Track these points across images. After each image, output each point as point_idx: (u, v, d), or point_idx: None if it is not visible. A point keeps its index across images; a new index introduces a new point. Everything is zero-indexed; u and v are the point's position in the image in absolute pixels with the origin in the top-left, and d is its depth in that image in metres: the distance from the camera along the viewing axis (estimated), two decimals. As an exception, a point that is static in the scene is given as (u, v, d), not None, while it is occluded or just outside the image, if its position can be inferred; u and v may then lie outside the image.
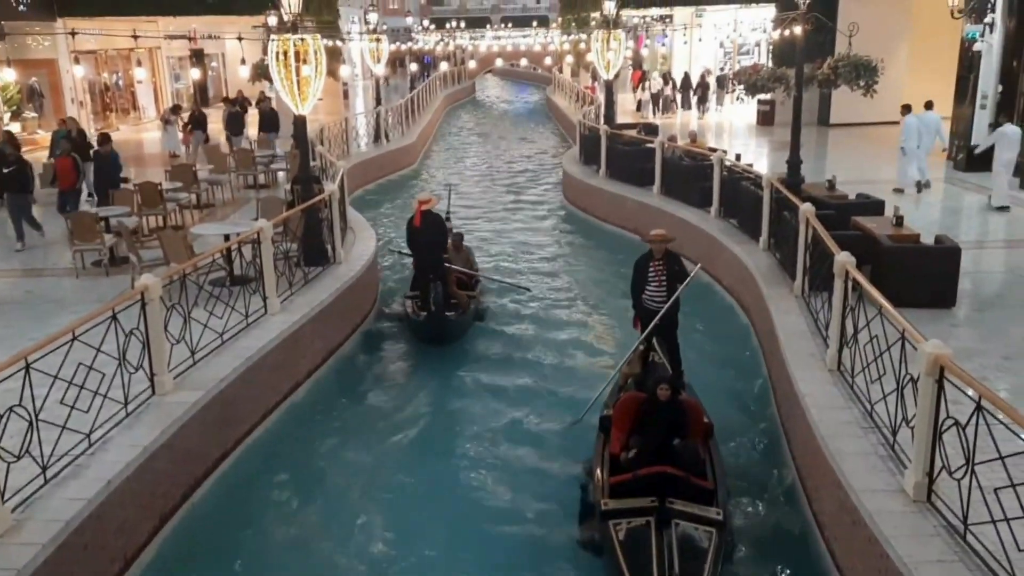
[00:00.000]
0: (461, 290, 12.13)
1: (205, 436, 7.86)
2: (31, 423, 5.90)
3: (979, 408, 4.97)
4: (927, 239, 10.49)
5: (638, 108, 32.55)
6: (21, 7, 23.78)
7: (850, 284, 7.61)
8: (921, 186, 16.06)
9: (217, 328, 8.86)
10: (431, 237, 11.47)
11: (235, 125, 22.94)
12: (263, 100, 24.77)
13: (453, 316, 11.61)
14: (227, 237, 11.13)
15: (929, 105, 16.62)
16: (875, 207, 12.21)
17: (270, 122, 22.62)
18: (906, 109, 16.48)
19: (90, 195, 15.44)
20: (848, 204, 12.39)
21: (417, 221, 11.45)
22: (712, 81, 32.09)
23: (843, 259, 7.77)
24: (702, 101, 31.18)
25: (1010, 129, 14.85)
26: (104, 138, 15.48)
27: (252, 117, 25.18)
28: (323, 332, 10.77)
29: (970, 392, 5.14)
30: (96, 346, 6.74)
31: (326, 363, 10.82)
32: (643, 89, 33.99)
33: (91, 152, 16.19)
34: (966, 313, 9.74)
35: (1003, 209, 14.49)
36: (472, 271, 13.28)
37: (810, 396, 7.49)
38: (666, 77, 33.84)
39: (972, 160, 17.78)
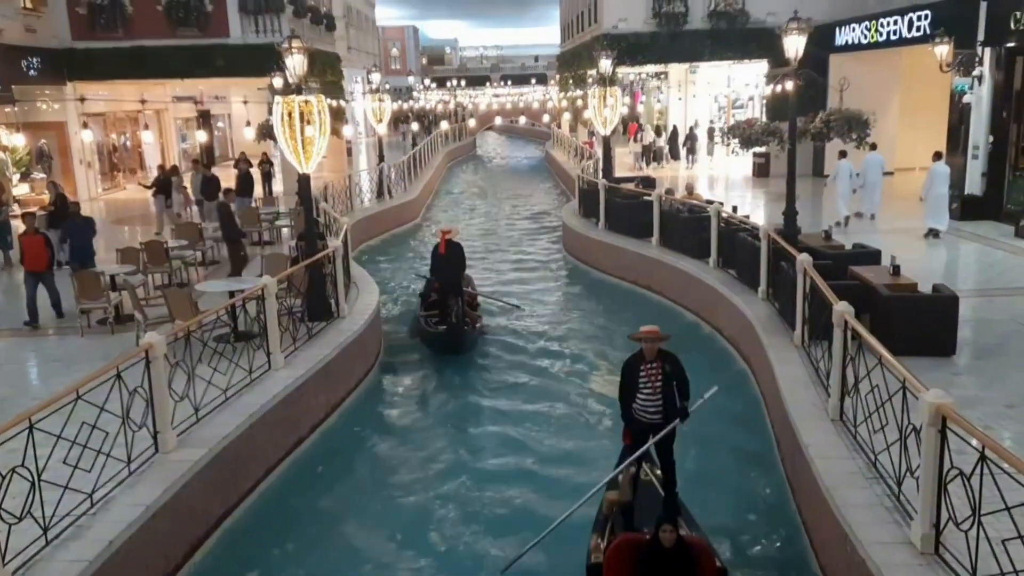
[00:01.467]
0: (468, 307, 14.05)
1: (208, 494, 7.84)
2: (33, 484, 5.92)
3: (983, 458, 4.98)
4: (925, 288, 10.59)
5: (635, 160, 33.43)
6: (32, 72, 24.37)
7: (849, 334, 7.68)
8: (849, 220, 18.27)
9: (221, 385, 8.91)
10: (454, 262, 13.65)
11: (244, 187, 21.80)
12: (264, 162, 24.92)
13: (467, 329, 13.46)
14: (232, 294, 11.22)
15: (873, 146, 18.43)
16: (872, 257, 12.33)
17: (244, 186, 21.51)
18: (841, 154, 18.59)
19: (61, 264, 14.03)
20: (845, 254, 12.53)
21: (442, 249, 13.77)
22: (700, 133, 33.31)
23: (842, 309, 7.84)
24: (691, 152, 32.49)
25: (940, 168, 16.77)
26: (72, 205, 15.19)
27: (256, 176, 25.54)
28: (327, 386, 10.80)
29: (973, 442, 5.16)
30: (100, 405, 6.78)
31: (330, 417, 10.83)
32: (635, 141, 35.18)
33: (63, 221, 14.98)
34: (966, 361, 9.78)
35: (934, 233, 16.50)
36: (473, 292, 15.57)
37: (814, 447, 7.50)
38: (658, 130, 35.16)
39: (967, 209, 18.02)
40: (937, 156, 17.26)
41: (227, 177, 22.80)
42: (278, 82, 20.32)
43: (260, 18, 26.86)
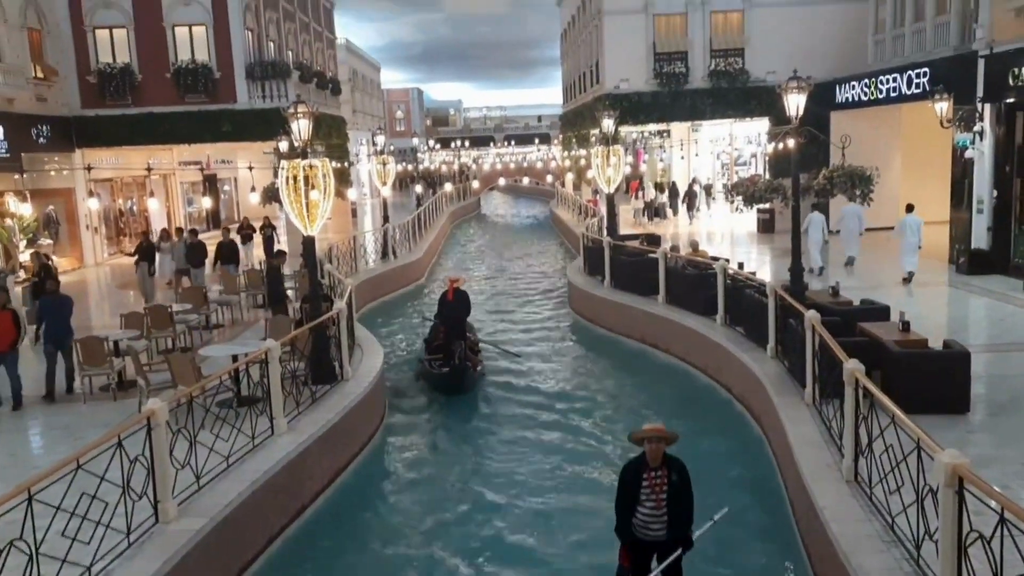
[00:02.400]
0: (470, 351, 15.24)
1: (209, 564, 7.64)
2: (31, 557, 5.78)
3: (1003, 520, 4.83)
4: (935, 344, 10.46)
5: (636, 216, 34.16)
6: (41, 139, 24.77)
7: (861, 392, 7.55)
8: (821, 271, 19.51)
9: (223, 451, 8.77)
10: (460, 307, 14.97)
11: (229, 254, 21.22)
12: (267, 227, 24.91)
13: (469, 370, 14.52)
14: (235, 358, 11.15)
15: (910, 208, 18.90)
16: (881, 313, 12.22)
17: (229, 254, 20.88)
18: (813, 207, 20.12)
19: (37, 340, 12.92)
20: (853, 310, 12.42)
21: (450, 296, 14.98)
22: (699, 189, 34.14)
23: (852, 367, 7.72)
24: (690, 208, 33.11)
25: (910, 219, 17.97)
26: (51, 283, 14.02)
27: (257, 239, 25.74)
28: (331, 451, 10.64)
29: (992, 503, 5.01)
30: (100, 474, 6.66)
31: (334, 483, 10.64)
32: (637, 197, 35.87)
33: (39, 298, 13.93)
34: (981, 419, 9.60)
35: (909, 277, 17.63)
36: (475, 339, 16.79)
37: (828, 509, 7.31)
38: (660, 186, 36.08)
39: (974, 263, 17.97)
40: (909, 208, 18.39)
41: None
42: (284, 145, 20.60)
43: (267, 84, 27.39)
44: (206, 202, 32.74)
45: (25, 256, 21.06)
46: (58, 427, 10.95)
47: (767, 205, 22.82)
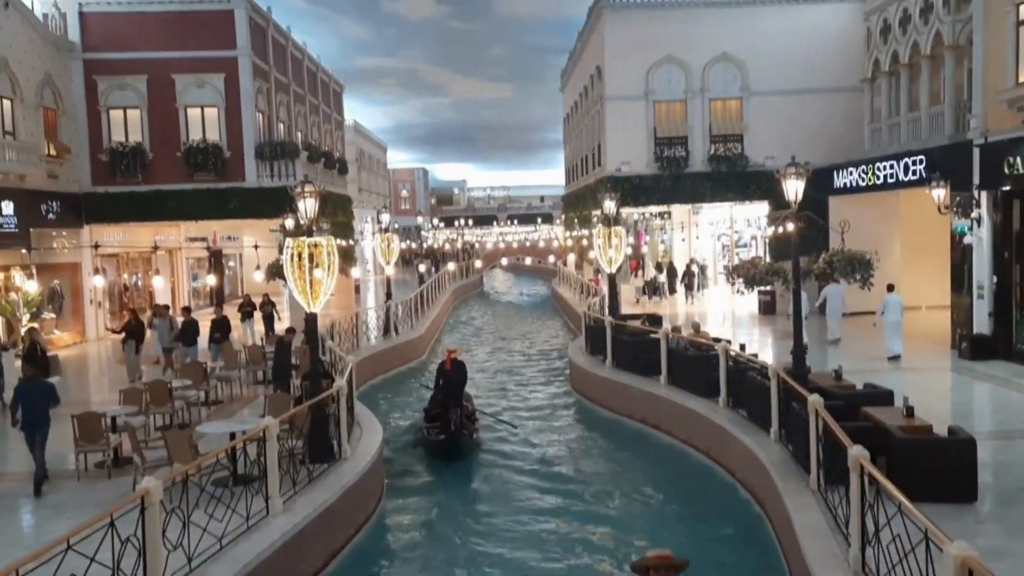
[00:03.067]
0: (467, 419, 16.03)
1: (197, 652, 7.42)
2: (15, 641, 5.60)
3: (1014, 616, 4.70)
4: (940, 430, 10.35)
5: (637, 294, 34.70)
6: (51, 215, 25.09)
7: (866, 479, 7.44)
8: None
9: (216, 532, 8.60)
10: (458, 377, 15.65)
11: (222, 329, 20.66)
12: (266, 304, 24.80)
13: (465, 437, 15.22)
14: (233, 435, 11.04)
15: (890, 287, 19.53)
16: (884, 397, 12.13)
17: (189, 333, 19.73)
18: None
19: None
20: (856, 394, 12.33)
21: (448, 365, 15.67)
22: (696, 270, 34.83)
23: (857, 453, 7.64)
24: (688, 288, 33.73)
25: (892, 299, 18.64)
26: (30, 369, 12.83)
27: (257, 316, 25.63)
28: (327, 533, 10.43)
29: (1003, 598, 4.88)
30: (90, 556, 6.51)
31: (329, 566, 10.40)
32: (637, 276, 36.70)
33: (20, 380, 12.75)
34: (989, 508, 9.42)
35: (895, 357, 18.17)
36: (472, 408, 17.43)
37: (836, 601, 7.11)
38: (659, 266, 36.90)
39: (977, 348, 17.92)
40: (890, 288, 18.98)
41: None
42: (290, 223, 20.84)
43: (276, 163, 27.89)
44: (210, 279, 32.92)
45: (33, 326, 21.07)
46: (50, 505, 10.76)
47: (768, 288, 22.90)
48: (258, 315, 25.38)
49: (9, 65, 23.47)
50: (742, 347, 15.91)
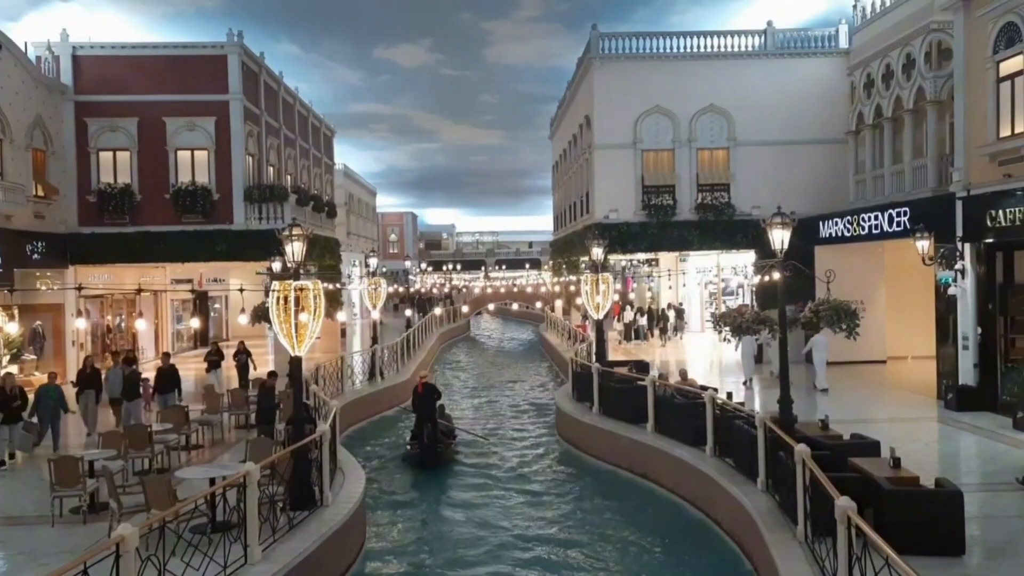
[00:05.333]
0: (443, 435, 19.25)
1: None
2: None
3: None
4: (927, 481, 10.29)
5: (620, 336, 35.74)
6: (36, 256, 24.94)
7: (854, 531, 7.36)
8: (752, 381, 22.31)
9: (193, 581, 8.39)
10: (428, 398, 18.60)
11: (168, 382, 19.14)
12: (241, 352, 23.37)
13: (440, 449, 18.49)
14: (212, 481, 10.85)
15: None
16: (871, 448, 12.08)
17: (168, 381, 19.02)
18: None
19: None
20: (844, 444, 12.29)
21: (420, 389, 18.72)
22: (672, 314, 36.46)
23: (844, 505, 7.57)
24: (663, 332, 35.29)
25: (819, 339, 20.49)
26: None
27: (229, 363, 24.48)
28: (305, 584, 10.19)
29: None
30: (60, 606, 6.32)
31: (306, 619, 10.14)
32: (618, 320, 37.24)
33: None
34: (978, 562, 9.33)
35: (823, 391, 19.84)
36: (451, 426, 20.82)
37: (824, 657, 6.97)
38: (641, 310, 38.09)
39: (963, 400, 17.94)
40: (819, 330, 20.10)
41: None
42: (277, 266, 20.76)
43: (264, 206, 27.91)
44: (195, 322, 32.71)
45: (11, 369, 20.77)
46: (24, 551, 10.49)
47: (756, 338, 22.94)
48: (227, 364, 24.06)
49: (0, 107, 23.53)
50: (729, 395, 15.89)
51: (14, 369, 22.86)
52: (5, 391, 15.30)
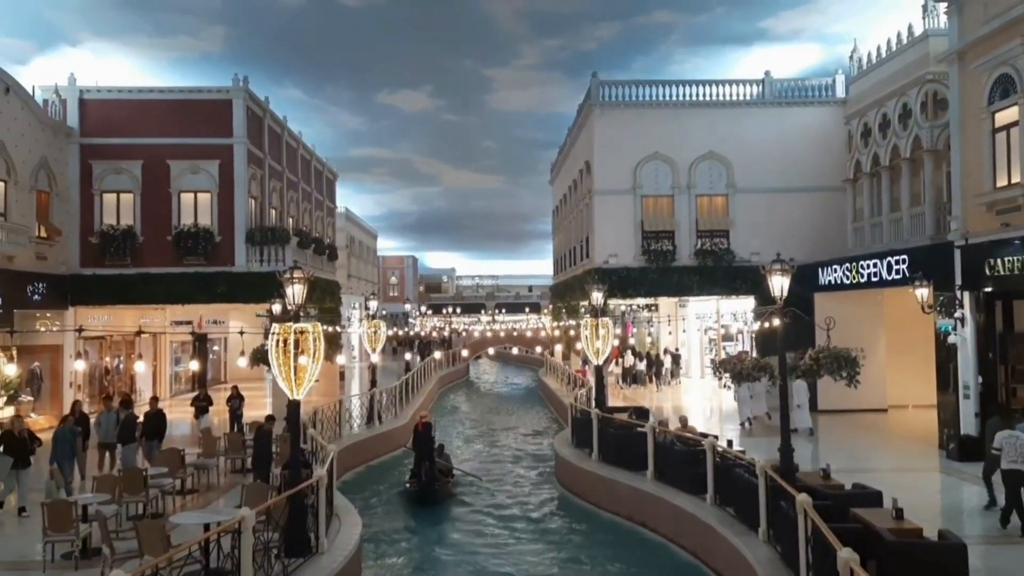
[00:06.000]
0: (441, 473, 20.16)
1: None
2: None
3: None
4: (930, 533, 10.17)
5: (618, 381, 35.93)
6: (36, 297, 24.96)
7: (857, 585, 7.25)
8: (752, 422, 23.50)
9: (184, 631, 8.23)
10: (427, 436, 19.70)
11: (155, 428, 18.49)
12: (234, 397, 23.04)
13: (437, 486, 19.30)
14: (207, 527, 10.71)
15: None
16: (873, 498, 11.96)
17: (155, 427, 18.41)
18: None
19: None
20: (845, 494, 12.17)
21: (420, 428, 19.87)
22: (668, 359, 37.01)
23: (847, 556, 7.48)
24: (658, 376, 35.85)
25: (799, 384, 20.92)
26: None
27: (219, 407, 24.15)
28: (298, 634, 10.02)
29: None
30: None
31: (299, 670, 9.95)
32: (617, 364, 37.11)
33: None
34: (983, 616, 9.18)
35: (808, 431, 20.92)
36: (448, 466, 21.61)
37: None
38: (639, 355, 37.99)
39: (964, 449, 17.80)
40: (796, 376, 18.39)
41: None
42: (277, 308, 20.75)
43: (266, 248, 28.01)
44: (193, 364, 32.55)
45: (5, 412, 20.64)
46: (12, 598, 10.32)
47: (758, 385, 22.84)
48: (216, 409, 23.60)
49: (6, 148, 23.77)
50: (729, 443, 15.77)
51: (10, 411, 22.76)
52: (14, 434, 14.92)
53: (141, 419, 18.28)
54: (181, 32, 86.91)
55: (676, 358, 37.94)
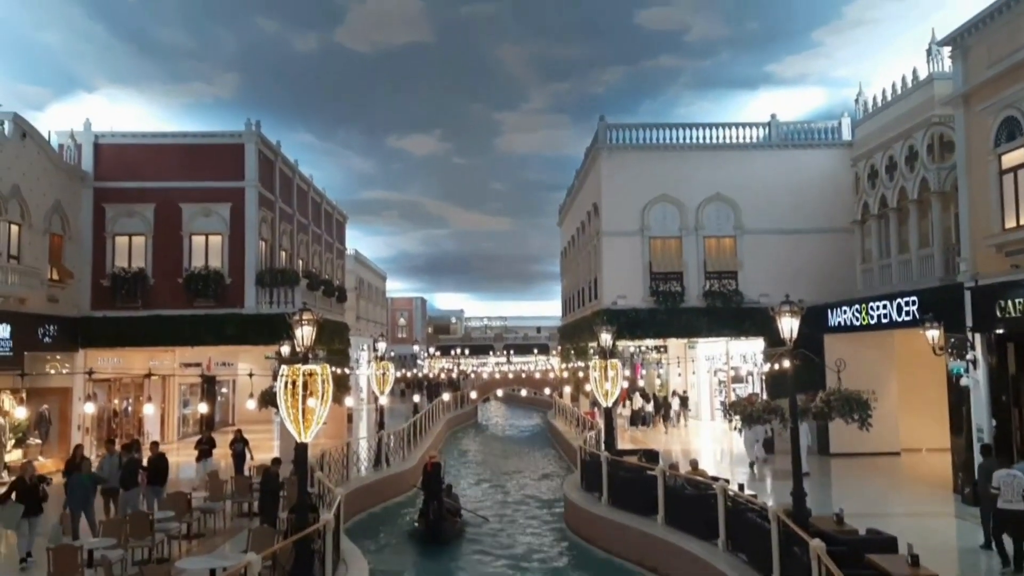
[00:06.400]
0: (449, 513, 20.67)
1: None
2: None
3: None
4: (947, 580, 9.98)
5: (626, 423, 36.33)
6: (47, 339, 25.05)
7: (872, 634, 7.11)
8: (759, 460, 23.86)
9: None
10: (436, 476, 20.35)
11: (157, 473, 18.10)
12: (237, 441, 22.60)
13: (446, 525, 19.69)
14: (213, 572, 10.62)
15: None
16: (888, 544, 11.77)
17: (157, 472, 18.01)
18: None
19: None
20: (859, 540, 11.98)
21: (429, 467, 20.61)
22: (676, 401, 37.29)
23: (861, 605, 7.33)
24: (665, 418, 36.18)
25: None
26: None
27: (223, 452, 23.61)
28: None
29: None
30: None
31: None
32: (625, 406, 37.53)
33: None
34: (1003, 666, 8.96)
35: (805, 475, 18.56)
36: (457, 506, 22.19)
37: None
38: (648, 396, 38.38)
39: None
40: (805, 419, 19.13)
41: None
42: (286, 349, 20.78)
43: (275, 291, 28.13)
44: (202, 407, 32.52)
45: (13, 456, 20.57)
46: (15, 644, 10.21)
47: (768, 429, 22.67)
48: (220, 452, 23.34)
49: (21, 192, 24.07)
50: (741, 487, 15.59)
51: (18, 454, 22.73)
52: (25, 481, 14.46)
53: (145, 464, 17.95)
54: (195, 79, 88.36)
55: (684, 400, 37.87)
